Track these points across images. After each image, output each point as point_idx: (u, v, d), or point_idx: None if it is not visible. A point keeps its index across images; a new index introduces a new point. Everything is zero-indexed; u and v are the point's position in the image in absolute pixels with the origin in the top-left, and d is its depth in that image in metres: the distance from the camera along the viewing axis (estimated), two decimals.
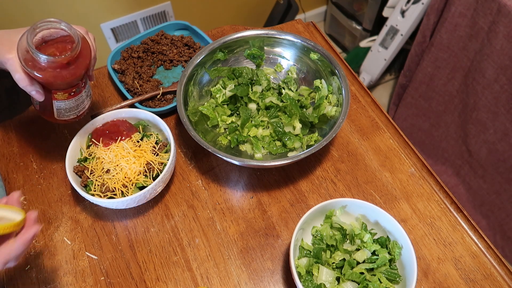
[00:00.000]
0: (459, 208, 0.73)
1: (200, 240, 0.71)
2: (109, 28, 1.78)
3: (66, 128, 0.84)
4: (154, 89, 0.88)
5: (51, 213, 0.74)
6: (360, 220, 0.67)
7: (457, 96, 1.51)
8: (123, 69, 0.90)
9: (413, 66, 1.68)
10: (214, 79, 0.83)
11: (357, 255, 0.63)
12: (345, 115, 0.72)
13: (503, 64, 1.26)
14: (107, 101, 0.88)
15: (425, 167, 0.79)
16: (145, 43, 0.94)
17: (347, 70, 0.93)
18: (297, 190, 0.76)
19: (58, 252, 0.70)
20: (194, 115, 0.77)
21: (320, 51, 0.80)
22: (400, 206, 0.74)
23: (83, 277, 0.67)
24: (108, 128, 0.75)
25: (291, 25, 1.03)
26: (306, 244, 0.66)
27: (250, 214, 0.73)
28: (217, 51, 0.82)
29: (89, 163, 0.71)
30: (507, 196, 1.44)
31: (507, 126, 1.33)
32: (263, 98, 0.82)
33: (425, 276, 0.67)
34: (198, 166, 0.79)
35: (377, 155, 0.80)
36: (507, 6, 1.18)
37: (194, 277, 0.67)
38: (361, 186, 0.76)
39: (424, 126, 1.71)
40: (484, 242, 0.70)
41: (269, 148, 0.77)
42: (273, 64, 0.86)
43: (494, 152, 1.42)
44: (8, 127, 0.84)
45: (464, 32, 1.37)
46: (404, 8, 1.65)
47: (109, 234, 0.71)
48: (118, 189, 0.68)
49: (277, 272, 0.68)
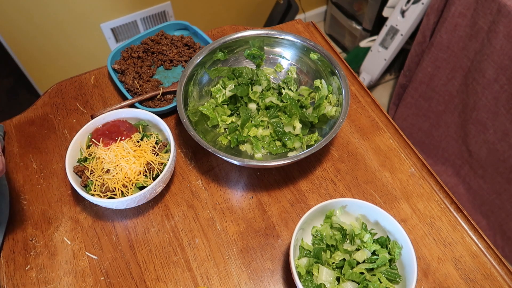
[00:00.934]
0: (459, 208, 0.73)
1: (200, 240, 0.71)
2: (109, 28, 1.78)
3: (66, 128, 0.84)
4: (154, 89, 0.88)
5: (51, 213, 0.74)
6: (360, 220, 0.67)
7: (457, 96, 1.51)
8: (123, 69, 0.90)
9: (413, 66, 1.68)
10: (214, 79, 0.83)
11: (357, 255, 0.63)
12: (345, 115, 0.72)
13: (503, 64, 1.26)
14: (107, 101, 0.89)
15: (425, 167, 0.79)
16: (145, 43, 0.94)
17: (347, 70, 0.93)
18: (297, 190, 0.76)
19: (58, 252, 0.70)
20: (194, 115, 0.77)
21: (320, 51, 0.80)
22: (400, 206, 0.74)
23: (83, 277, 0.67)
24: (108, 128, 0.74)
25: (291, 25, 1.03)
26: (306, 244, 0.66)
27: (250, 214, 0.73)
28: (217, 51, 0.82)
29: (89, 163, 0.71)
30: (507, 196, 1.44)
31: (507, 126, 1.33)
32: (263, 98, 0.82)
33: (425, 276, 0.67)
34: (198, 166, 0.79)
35: (377, 155, 0.80)
36: (507, 6, 1.19)
37: (194, 277, 0.67)
38: (361, 186, 0.76)
39: (424, 126, 1.71)
40: (484, 242, 0.70)
41: (269, 148, 0.77)
42: (273, 64, 0.86)
43: (494, 152, 1.42)
44: (8, 127, 0.84)
45: (464, 32, 1.37)
46: (404, 8, 1.65)
47: (109, 234, 0.71)
48: (118, 189, 0.68)
49: (277, 272, 0.68)
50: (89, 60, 1.85)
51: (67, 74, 0.99)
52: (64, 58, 1.79)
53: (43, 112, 0.87)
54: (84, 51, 1.82)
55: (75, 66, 1.84)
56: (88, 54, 1.84)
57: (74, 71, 1.13)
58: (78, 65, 1.84)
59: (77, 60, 1.83)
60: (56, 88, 0.91)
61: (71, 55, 1.80)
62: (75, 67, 1.83)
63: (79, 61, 1.84)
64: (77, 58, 1.83)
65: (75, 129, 0.83)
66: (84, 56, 1.84)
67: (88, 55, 1.84)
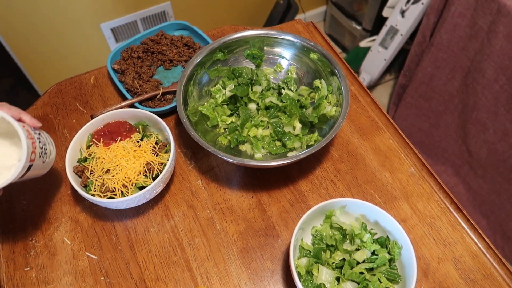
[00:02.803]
0: (459, 208, 0.73)
1: (200, 240, 0.71)
2: (109, 28, 1.78)
3: (66, 128, 0.84)
4: (154, 89, 0.88)
5: (51, 213, 0.74)
6: (360, 220, 0.67)
7: (457, 96, 1.51)
8: (123, 69, 0.90)
9: (413, 66, 1.68)
10: (214, 79, 0.83)
11: (357, 255, 0.63)
12: (345, 115, 0.72)
13: (503, 64, 1.26)
14: (107, 101, 0.89)
15: (425, 167, 0.79)
16: (145, 43, 0.94)
17: (346, 70, 0.93)
18: (297, 190, 0.76)
19: (58, 252, 0.70)
20: (194, 115, 0.77)
21: (319, 51, 0.80)
22: (400, 206, 0.74)
23: (83, 277, 0.67)
24: (108, 128, 0.75)
25: (291, 25, 1.03)
26: (306, 244, 0.66)
27: (250, 214, 0.73)
28: (217, 51, 0.82)
29: (89, 163, 0.71)
30: (507, 196, 1.44)
31: (507, 126, 1.33)
32: (263, 98, 0.82)
33: (425, 276, 0.67)
34: (198, 166, 0.79)
35: (377, 155, 0.80)
36: (507, 6, 1.19)
37: (194, 277, 0.67)
38: (361, 186, 0.76)
39: (424, 126, 1.71)
40: (484, 242, 0.70)
41: (269, 148, 0.77)
42: (273, 64, 0.86)
43: (494, 152, 1.42)
44: None
45: (464, 32, 1.37)
46: (404, 8, 1.65)
47: (109, 234, 0.72)
48: (118, 189, 0.68)
49: (277, 272, 0.68)
50: (89, 60, 1.85)
51: (67, 74, 0.99)
52: (64, 58, 1.79)
53: (43, 112, 0.87)
54: (84, 51, 1.82)
55: (75, 66, 1.84)
56: (88, 54, 1.84)
57: (74, 71, 1.13)
58: (78, 65, 1.84)
59: (77, 60, 1.83)
60: (56, 88, 0.91)
61: (71, 55, 1.80)
62: (75, 67, 1.83)
63: (79, 61, 1.84)
64: (77, 58, 1.83)
65: (75, 129, 0.83)
66: (84, 56, 1.84)
67: (88, 55, 1.84)
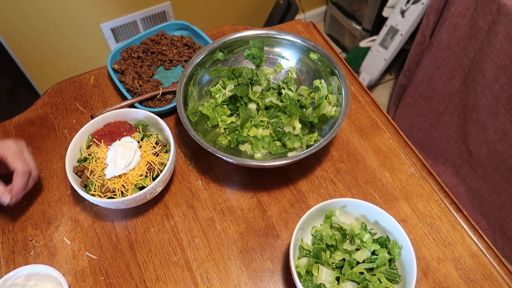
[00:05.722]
0: (459, 208, 0.73)
1: (200, 240, 0.71)
2: (109, 28, 1.79)
3: (66, 128, 0.84)
4: (154, 89, 0.88)
5: (51, 213, 0.74)
6: (360, 220, 0.67)
7: (457, 96, 1.51)
8: (123, 69, 0.90)
9: (413, 66, 1.68)
10: (214, 79, 0.83)
11: (357, 255, 0.63)
12: (344, 115, 0.72)
13: (503, 64, 1.26)
14: (107, 101, 0.89)
15: (425, 167, 0.79)
16: (145, 43, 0.94)
17: (347, 70, 0.93)
18: (297, 190, 0.76)
19: (58, 252, 0.70)
20: (194, 115, 0.77)
21: (320, 51, 0.80)
22: (400, 206, 0.74)
23: (83, 277, 0.67)
24: (108, 128, 0.75)
25: (291, 25, 1.03)
26: (306, 244, 0.66)
27: (250, 214, 0.73)
28: (217, 51, 0.82)
29: (89, 163, 0.71)
30: (507, 196, 1.44)
31: (507, 126, 1.33)
32: (263, 98, 0.82)
33: (425, 276, 0.67)
34: (198, 166, 0.79)
35: (377, 155, 0.80)
36: (507, 6, 1.19)
37: (194, 277, 0.67)
38: (361, 186, 0.76)
39: (424, 126, 1.71)
40: (484, 242, 0.70)
41: (269, 148, 0.77)
42: (273, 64, 0.86)
43: (494, 152, 1.42)
44: (8, 127, 0.84)
45: (464, 32, 1.37)
46: (404, 8, 1.65)
47: (109, 234, 0.71)
48: (118, 189, 0.68)
49: (277, 272, 0.68)
50: (89, 60, 1.85)
51: (67, 74, 0.99)
52: (64, 58, 1.79)
53: (43, 112, 0.87)
54: (84, 51, 1.82)
55: (75, 66, 1.84)
56: (88, 54, 1.84)
57: (74, 71, 1.13)
58: (78, 65, 1.84)
59: (77, 60, 1.83)
60: (56, 88, 0.91)
61: (71, 55, 1.80)
62: (75, 67, 1.83)
63: (79, 61, 1.84)
64: (77, 58, 1.83)
65: (75, 129, 0.83)
66: (84, 56, 1.84)
67: (88, 55, 1.84)
